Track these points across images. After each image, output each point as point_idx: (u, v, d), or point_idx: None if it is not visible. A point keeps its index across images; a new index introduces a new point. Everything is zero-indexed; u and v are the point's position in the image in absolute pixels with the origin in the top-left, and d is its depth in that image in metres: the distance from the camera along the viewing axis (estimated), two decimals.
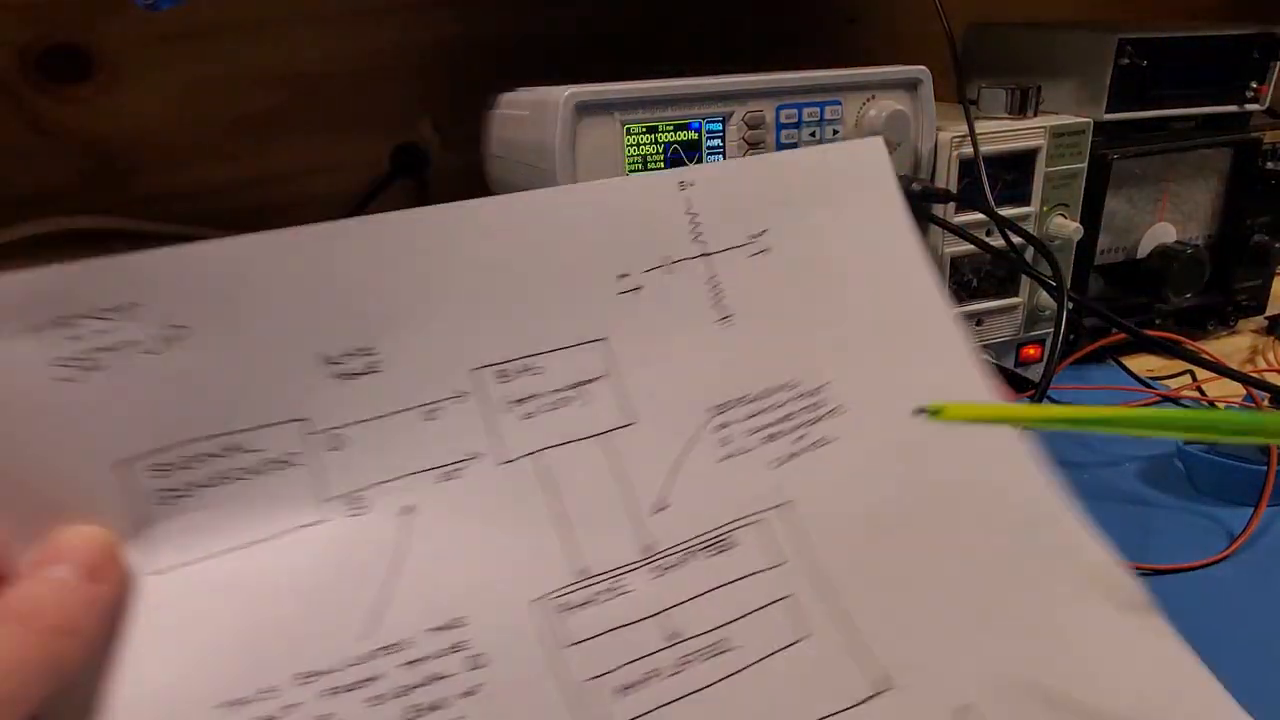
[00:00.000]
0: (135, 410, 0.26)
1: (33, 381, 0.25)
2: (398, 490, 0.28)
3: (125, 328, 0.26)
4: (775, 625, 0.29)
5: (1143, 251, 0.68)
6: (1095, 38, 0.64)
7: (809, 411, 0.33)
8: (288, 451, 0.27)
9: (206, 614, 0.25)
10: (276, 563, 0.26)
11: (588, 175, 0.50)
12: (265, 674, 0.25)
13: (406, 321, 0.29)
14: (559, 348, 0.31)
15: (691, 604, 0.29)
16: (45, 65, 0.72)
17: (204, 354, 0.27)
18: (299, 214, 0.92)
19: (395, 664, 0.26)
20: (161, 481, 0.26)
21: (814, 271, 0.35)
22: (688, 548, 0.30)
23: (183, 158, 0.78)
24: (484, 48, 0.81)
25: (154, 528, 0.25)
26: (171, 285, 0.27)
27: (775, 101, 0.53)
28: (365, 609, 0.26)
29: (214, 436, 0.27)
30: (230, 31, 0.75)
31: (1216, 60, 0.66)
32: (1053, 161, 0.61)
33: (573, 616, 0.28)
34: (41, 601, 0.21)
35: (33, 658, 0.20)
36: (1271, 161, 0.68)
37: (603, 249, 0.32)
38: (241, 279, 0.28)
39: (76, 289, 0.25)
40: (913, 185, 0.54)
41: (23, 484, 0.24)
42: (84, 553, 0.23)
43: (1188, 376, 0.62)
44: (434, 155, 0.84)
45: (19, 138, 0.73)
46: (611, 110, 0.50)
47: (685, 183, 0.34)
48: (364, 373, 0.28)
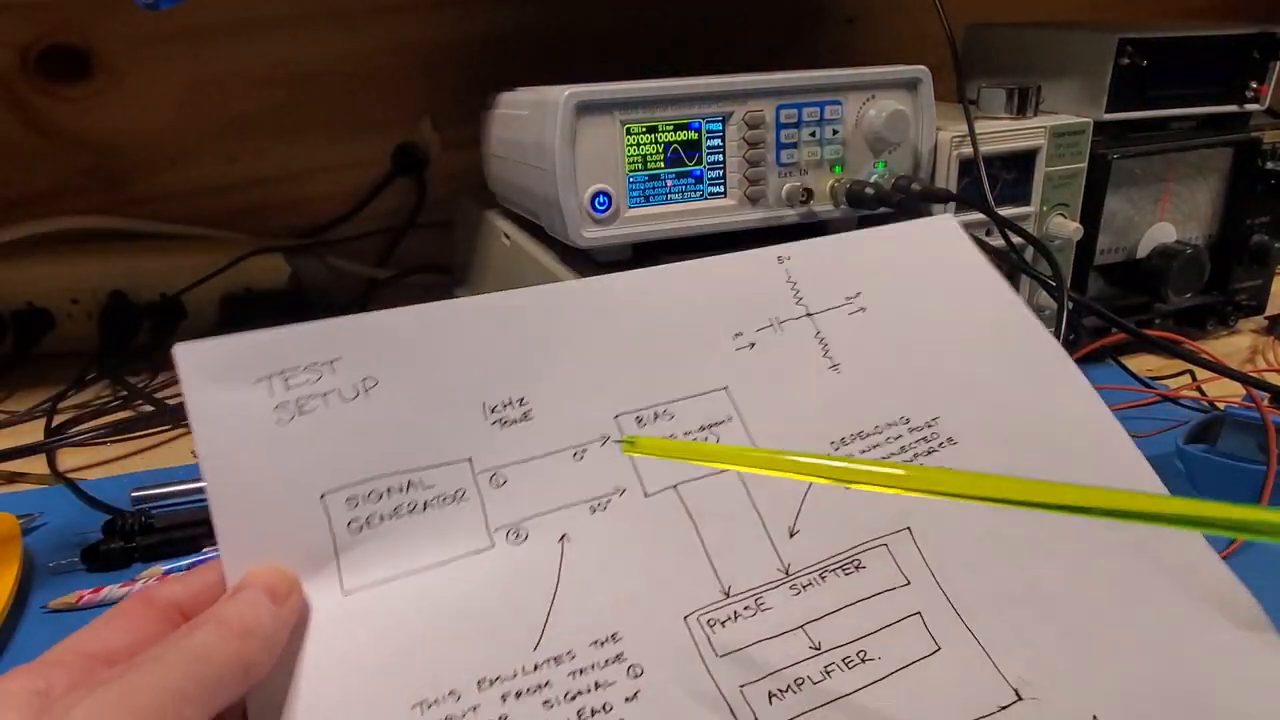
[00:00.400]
0: (335, 449, 0.30)
1: (259, 422, 0.29)
2: (553, 521, 0.31)
3: (328, 379, 0.31)
4: (908, 639, 0.31)
5: (1142, 251, 0.68)
6: (1095, 38, 0.64)
7: (923, 443, 0.35)
8: (458, 487, 0.31)
9: (396, 627, 0.28)
10: (453, 584, 0.30)
11: (587, 175, 0.50)
12: (449, 679, 0.28)
13: (555, 376, 0.33)
14: (687, 396, 0.35)
15: (829, 618, 0.31)
16: (45, 65, 0.72)
17: (389, 402, 0.31)
18: (299, 213, 0.93)
19: (564, 673, 0.28)
20: (353, 512, 0.30)
21: (910, 323, 0.38)
22: (821, 568, 0.32)
23: (183, 158, 0.78)
24: (484, 48, 0.81)
25: (349, 553, 0.29)
26: (366, 345, 0.31)
27: (775, 101, 0.53)
28: (532, 624, 0.29)
29: (397, 474, 0.30)
30: (230, 31, 0.75)
31: (1216, 60, 0.66)
32: (1053, 161, 0.61)
33: (722, 630, 0.30)
34: (235, 613, 0.26)
35: (227, 653, 0.25)
36: (1271, 161, 0.68)
37: (718, 313, 0.37)
38: (422, 341, 0.32)
39: (292, 347, 0.30)
40: (912, 185, 0.54)
41: (251, 513, 0.28)
42: (268, 580, 0.27)
43: (1187, 376, 0.62)
44: (434, 155, 0.84)
45: (19, 138, 0.73)
46: (611, 110, 0.50)
47: (783, 257, 0.39)
48: (520, 420, 0.32)
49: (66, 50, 0.72)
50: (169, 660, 0.24)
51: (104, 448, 0.58)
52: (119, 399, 0.63)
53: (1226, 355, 0.67)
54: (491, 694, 0.28)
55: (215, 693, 0.24)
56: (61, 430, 0.58)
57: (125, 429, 0.59)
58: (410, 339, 0.32)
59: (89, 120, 0.75)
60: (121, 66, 0.74)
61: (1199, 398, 0.58)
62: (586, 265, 0.54)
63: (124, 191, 0.77)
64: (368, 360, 0.31)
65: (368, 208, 0.83)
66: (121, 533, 0.46)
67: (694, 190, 0.53)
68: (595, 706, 0.28)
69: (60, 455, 0.57)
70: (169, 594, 0.28)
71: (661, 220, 0.52)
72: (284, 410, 0.30)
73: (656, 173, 0.52)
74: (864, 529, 0.33)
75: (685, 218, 0.53)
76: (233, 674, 0.25)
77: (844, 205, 0.56)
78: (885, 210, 0.55)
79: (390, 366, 0.31)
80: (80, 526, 0.47)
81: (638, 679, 0.29)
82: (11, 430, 0.60)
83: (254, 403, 0.29)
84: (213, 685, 0.24)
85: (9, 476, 0.55)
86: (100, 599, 0.42)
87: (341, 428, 0.30)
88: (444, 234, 0.81)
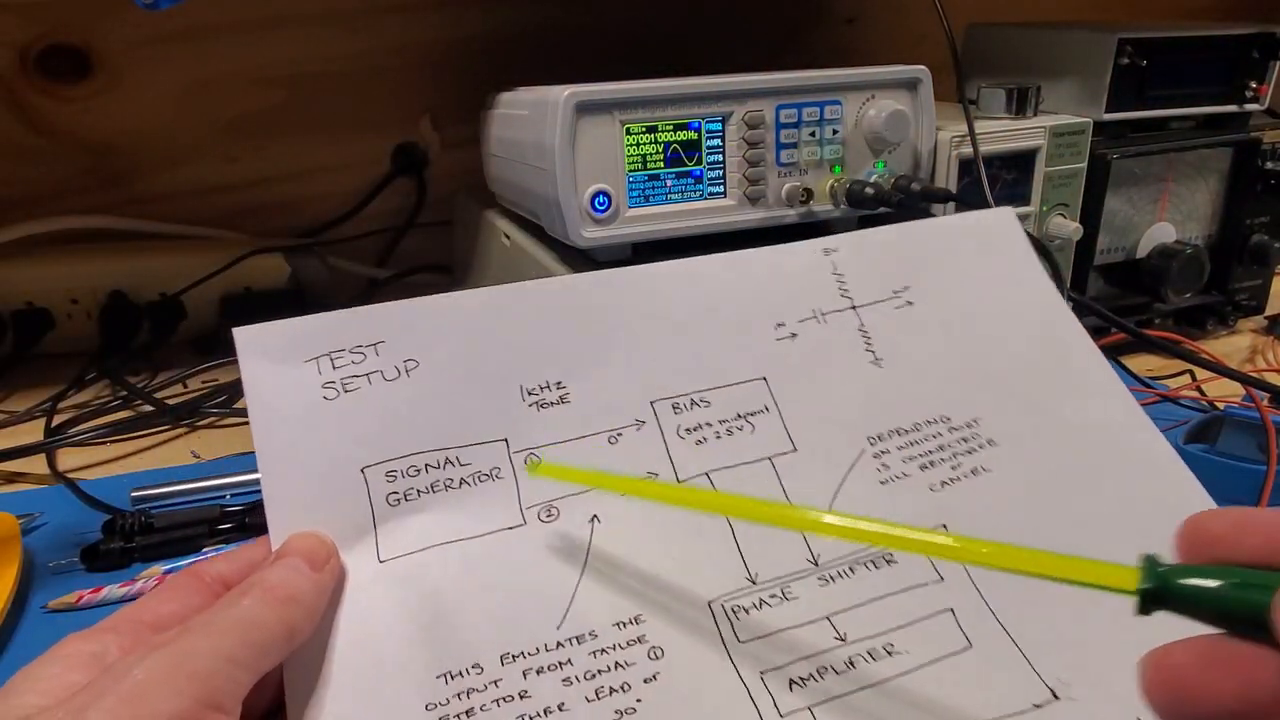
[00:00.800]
0: (377, 425, 0.31)
1: (309, 399, 0.31)
2: (585, 502, 0.32)
3: (372, 360, 0.32)
4: (938, 635, 0.30)
5: (1142, 251, 0.68)
6: (1095, 38, 0.64)
7: (963, 443, 0.35)
8: (493, 466, 0.32)
9: (428, 598, 0.29)
10: (484, 558, 0.30)
11: (587, 175, 0.50)
12: (475, 652, 0.28)
13: (593, 361, 0.34)
14: (724, 385, 0.35)
15: (856, 610, 0.31)
16: (45, 65, 0.72)
17: (429, 383, 0.32)
18: (299, 213, 0.92)
19: (584, 652, 0.29)
20: (392, 485, 0.31)
21: (957, 321, 0.38)
22: (852, 560, 0.32)
23: (183, 158, 0.78)
24: (484, 48, 0.81)
25: (386, 524, 0.30)
26: (408, 329, 0.33)
27: (775, 101, 0.53)
28: (557, 602, 0.30)
29: (434, 450, 0.32)
30: (230, 31, 0.75)
31: (1216, 60, 0.66)
32: (1052, 161, 0.61)
33: (746, 616, 0.30)
34: (278, 579, 0.27)
35: (273, 618, 0.26)
36: (1271, 161, 0.68)
37: (759, 304, 0.37)
38: (461, 325, 0.33)
39: (339, 331, 0.32)
40: (912, 185, 0.54)
41: (297, 482, 0.30)
42: (307, 548, 0.29)
43: (1187, 376, 0.62)
44: (434, 155, 0.84)
45: (19, 138, 0.73)
46: (611, 110, 0.50)
47: (829, 249, 0.38)
48: (556, 403, 0.33)
49: (66, 50, 0.72)
50: (219, 626, 0.25)
51: (104, 447, 0.58)
52: (119, 399, 0.63)
53: (1226, 355, 0.67)
54: (513, 669, 0.28)
55: (262, 656, 0.25)
56: (61, 430, 0.58)
57: (125, 429, 0.59)
58: (450, 323, 0.33)
59: (89, 120, 0.74)
60: (121, 66, 0.74)
61: (1199, 398, 0.58)
62: (586, 265, 0.54)
63: (124, 191, 0.77)
64: (409, 343, 0.33)
65: (367, 207, 0.83)
66: (121, 533, 0.46)
67: (694, 190, 0.53)
68: (614, 686, 0.28)
69: (60, 455, 0.57)
70: (216, 570, 0.29)
71: (661, 220, 0.52)
72: (330, 389, 0.31)
73: (656, 173, 0.52)
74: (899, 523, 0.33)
75: (685, 218, 0.53)
76: (278, 639, 0.26)
77: (844, 205, 0.56)
78: (885, 210, 0.55)
79: (431, 349, 0.33)
80: (80, 526, 0.47)
81: (658, 661, 0.29)
82: (11, 430, 0.60)
83: (303, 380, 0.31)
84: (261, 649, 0.25)
85: (9, 476, 0.55)
86: (100, 599, 0.42)
87: (383, 406, 0.32)
88: (444, 234, 0.81)
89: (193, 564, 0.29)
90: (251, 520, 0.47)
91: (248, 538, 0.46)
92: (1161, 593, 0.20)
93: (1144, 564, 0.21)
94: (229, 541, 0.46)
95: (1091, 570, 0.22)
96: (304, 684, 0.27)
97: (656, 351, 0.35)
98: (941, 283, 0.39)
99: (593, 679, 0.28)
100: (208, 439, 0.60)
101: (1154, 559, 0.21)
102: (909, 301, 0.38)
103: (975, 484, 0.34)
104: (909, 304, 0.38)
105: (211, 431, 0.61)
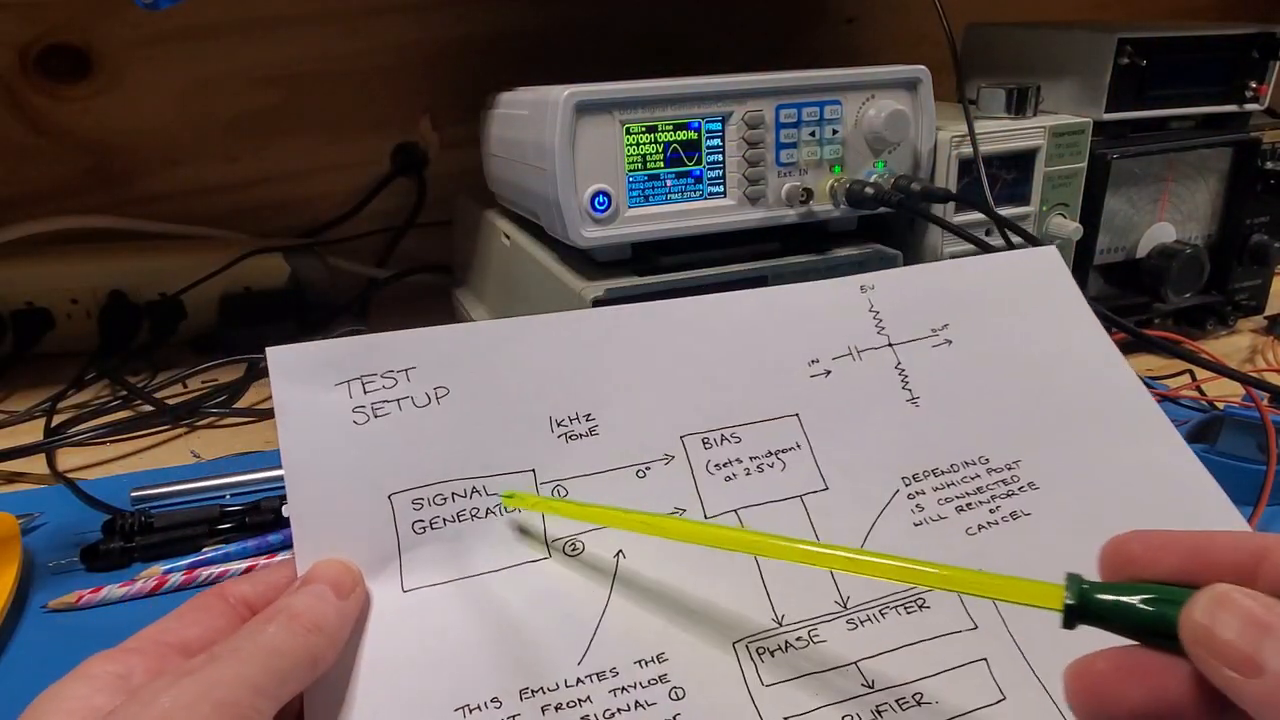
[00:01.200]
0: (405, 452, 0.31)
1: (339, 421, 0.31)
2: (611, 536, 0.31)
3: (403, 385, 0.32)
4: (971, 685, 0.30)
5: (1142, 251, 0.68)
6: (1095, 37, 0.64)
7: (1002, 485, 0.34)
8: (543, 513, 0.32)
9: (450, 629, 0.29)
10: (506, 591, 0.30)
11: (587, 175, 0.50)
12: (494, 686, 0.28)
13: (623, 395, 0.34)
14: (756, 420, 0.34)
15: (886, 657, 0.30)
16: (45, 65, 0.72)
17: (459, 411, 0.32)
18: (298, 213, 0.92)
19: (605, 689, 0.28)
20: (418, 513, 0.31)
21: (999, 361, 0.37)
22: (882, 604, 0.31)
23: (182, 158, 0.78)
24: (484, 48, 0.81)
25: (411, 553, 0.30)
26: (440, 356, 0.32)
27: (774, 101, 0.53)
28: (579, 638, 0.29)
29: (461, 479, 0.31)
30: (230, 31, 0.75)
31: (1216, 60, 0.66)
32: (1052, 161, 0.61)
33: (771, 659, 0.30)
34: (304, 607, 0.27)
35: (297, 646, 0.26)
36: (1271, 161, 0.68)
37: (793, 340, 0.36)
38: (493, 354, 0.33)
39: (371, 355, 0.32)
40: (912, 185, 0.54)
41: (324, 506, 0.30)
42: (334, 575, 0.28)
43: (1187, 376, 0.62)
44: (433, 155, 0.84)
45: (19, 138, 0.73)
46: (611, 110, 0.50)
47: (866, 286, 0.38)
48: (585, 435, 0.33)
49: (66, 50, 0.72)
50: (245, 654, 0.25)
51: (103, 447, 0.58)
52: (118, 399, 0.63)
53: (1226, 355, 0.67)
54: (532, 704, 0.28)
55: (286, 685, 0.25)
56: (61, 430, 0.58)
57: (125, 429, 0.59)
58: (482, 352, 0.33)
59: (89, 120, 0.74)
60: (121, 66, 0.74)
61: (1198, 397, 0.58)
62: (586, 265, 0.54)
63: (124, 191, 0.77)
64: (441, 370, 0.32)
65: (367, 207, 0.83)
66: (121, 532, 0.46)
67: (693, 190, 0.53)
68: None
69: (60, 455, 0.57)
70: (240, 591, 0.29)
71: (661, 220, 0.52)
72: (360, 413, 0.31)
73: (656, 172, 0.52)
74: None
75: (685, 217, 0.53)
76: (302, 668, 0.26)
77: (844, 205, 0.56)
78: (884, 210, 0.55)
79: (462, 377, 0.32)
80: (80, 526, 0.47)
81: (679, 701, 0.28)
82: (11, 430, 0.60)
83: (334, 404, 0.31)
84: (284, 678, 0.25)
85: (8, 476, 0.55)
86: (100, 599, 0.42)
87: (412, 432, 0.31)
88: (443, 234, 0.81)
89: (217, 587, 0.29)
90: (251, 520, 0.47)
91: (248, 537, 0.46)
92: (1083, 608, 0.22)
93: (1068, 582, 0.22)
94: (229, 541, 0.46)
95: (1022, 589, 0.23)
96: (324, 712, 0.27)
97: (687, 386, 0.34)
98: (983, 321, 0.38)
99: (612, 718, 0.28)
100: (207, 439, 0.60)
101: (1078, 577, 0.22)
102: (948, 340, 0.37)
103: (1014, 528, 0.33)
104: (948, 342, 0.37)
105: (211, 431, 0.61)
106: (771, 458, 0.34)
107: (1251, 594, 0.20)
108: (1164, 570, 0.22)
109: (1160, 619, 0.21)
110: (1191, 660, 0.20)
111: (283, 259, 0.75)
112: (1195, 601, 0.21)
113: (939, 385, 0.36)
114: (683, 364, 0.35)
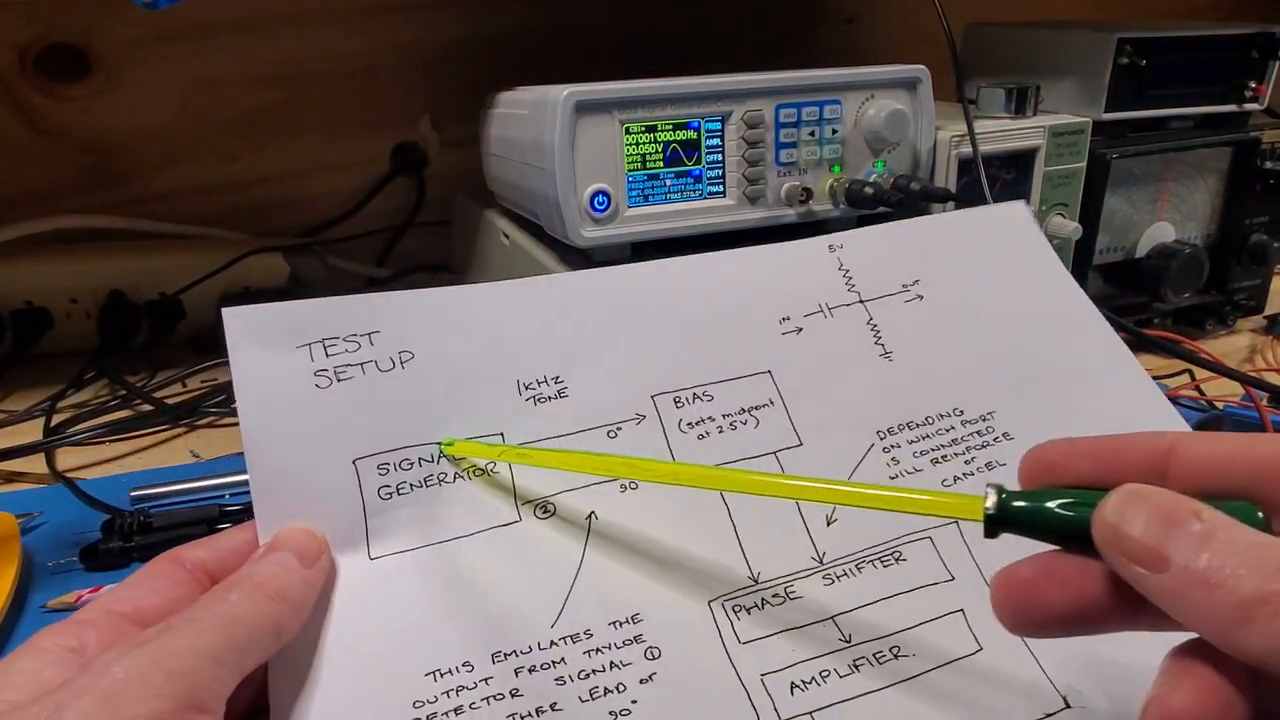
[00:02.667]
0: (369, 416, 0.31)
1: (300, 385, 0.30)
2: (582, 498, 0.31)
3: (367, 349, 0.31)
4: (948, 637, 0.30)
5: (1141, 251, 0.68)
6: (1094, 37, 0.64)
7: (977, 437, 0.34)
8: (488, 461, 0.31)
9: (418, 596, 0.29)
10: (477, 555, 0.30)
11: (587, 174, 0.50)
12: (465, 651, 0.28)
13: (592, 356, 0.33)
14: (727, 379, 0.34)
15: (863, 610, 0.30)
16: (45, 65, 0.72)
17: (424, 376, 0.32)
18: (298, 213, 0.92)
19: (579, 651, 0.28)
20: (384, 479, 0.30)
21: (971, 314, 0.37)
22: (858, 559, 0.31)
23: (182, 157, 0.78)
24: (484, 48, 0.81)
25: (377, 519, 0.30)
26: (404, 319, 0.32)
27: (774, 101, 0.53)
28: (552, 601, 0.29)
29: (428, 444, 0.31)
30: (229, 31, 0.75)
31: (1215, 60, 0.66)
32: (1052, 161, 0.61)
33: (748, 617, 0.30)
34: (267, 575, 0.26)
35: (260, 615, 0.25)
36: (1270, 161, 0.68)
37: (762, 298, 0.36)
38: (459, 318, 0.33)
39: (333, 317, 0.31)
40: (912, 185, 0.54)
41: (286, 472, 0.29)
42: (299, 543, 0.28)
43: (1186, 376, 0.62)
44: (433, 154, 0.84)
45: (19, 137, 0.73)
46: (610, 110, 0.50)
47: (834, 245, 0.38)
48: (554, 398, 0.33)
49: (66, 50, 0.72)
50: (204, 623, 0.24)
51: (103, 447, 0.58)
52: (118, 398, 0.63)
53: (1225, 355, 0.67)
54: (504, 667, 0.28)
55: (247, 655, 0.25)
56: (60, 430, 0.58)
57: (124, 428, 0.59)
58: (448, 316, 0.33)
59: (89, 120, 0.74)
60: (121, 66, 0.74)
61: (1198, 397, 0.58)
62: (585, 265, 0.54)
63: (124, 191, 0.77)
64: (405, 334, 0.32)
65: (366, 207, 0.83)
66: (120, 532, 0.46)
67: (693, 190, 0.53)
68: (609, 686, 0.28)
69: (59, 454, 0.57)
70: (197, 557, 0.28)
71: (661, 220, 0.52)
72: (323, 376, 0.31)
73: (656, 172, 0.52)
74: (908, 520, 0.32)
75: (684, 217, 0.53)
76: (264, 637, 0.25)
77: (843, 205, 0.56)
78: (885, 210, 0.55)
79: (426, 341, 0.32)
80: (79, 526, 0.47)
81: (654, 661, 0.28)
82: (10, 430, 0.60)
83: (294, 367, 0.30)
84: (245, 647, 0.25)
85: (8, 476, 0.55)
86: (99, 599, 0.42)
87: (376, 397, 0.31)
88: (443, 233, 0.81)
89: (172, 551, 0.28)
90: None
91: None
92: (1002, 516, 0.22)
93: (989, 492, 0.22)
94: None
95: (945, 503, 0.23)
96: (289, 682, 0.27)
97: (657, 346, 0.34)
98: (954, 275, 0.38)
99: (587, 679, 0.28)
100: (207, 439, 0.60)
101: (999, 487, 0.22)
102: (920, 295, 0.37)
103: (989, 479, 0.33)
104: (919, 297, 0.37)
105: (210, 431, 0.61)
106: (745, 415, 0.34)
107: (1158, 490, 0.20)
108: (1080, 475, 0.23)
109: (1076, 522, 0.21)
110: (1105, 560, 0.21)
111: (282, 259, 0.75)
112: (1106, 502, 0.21)
113: (912, 340, 0.36)
114: (652, 325, 0.35)
